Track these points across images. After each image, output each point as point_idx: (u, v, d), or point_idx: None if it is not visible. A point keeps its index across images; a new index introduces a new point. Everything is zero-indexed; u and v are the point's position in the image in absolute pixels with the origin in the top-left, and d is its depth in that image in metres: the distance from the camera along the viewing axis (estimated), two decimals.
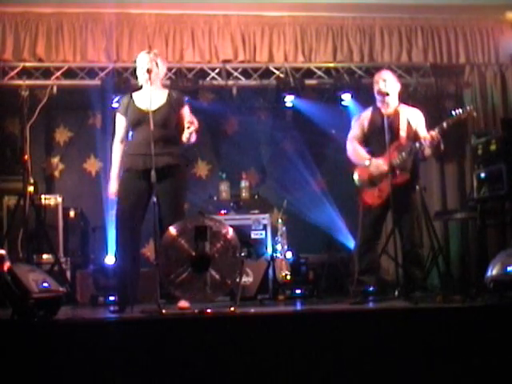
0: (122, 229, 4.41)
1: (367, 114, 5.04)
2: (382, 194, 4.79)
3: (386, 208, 4.86)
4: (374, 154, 4.87)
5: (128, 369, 3.08)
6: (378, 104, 5.00)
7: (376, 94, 4.95)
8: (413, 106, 5.20)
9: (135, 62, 4.60)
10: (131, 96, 4.56)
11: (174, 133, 4.47)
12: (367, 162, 4.83)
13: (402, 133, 4.84)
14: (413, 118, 4.97)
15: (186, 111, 4.53)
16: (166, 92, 4.54)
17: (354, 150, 4.94)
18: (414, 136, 4.92)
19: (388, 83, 4.93)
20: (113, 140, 4.59)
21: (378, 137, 4.89)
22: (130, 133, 4.52)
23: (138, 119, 4.42)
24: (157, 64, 4.47)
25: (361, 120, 5.02)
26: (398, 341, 3.27)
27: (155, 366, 3.09)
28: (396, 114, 4.77)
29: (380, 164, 4.76)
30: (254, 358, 3.16)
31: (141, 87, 4.59)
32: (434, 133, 4.67)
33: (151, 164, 4.13)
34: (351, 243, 6.31)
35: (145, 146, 4.28)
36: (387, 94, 4.83)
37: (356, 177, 4.97)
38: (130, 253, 4.41)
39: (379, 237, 4.99)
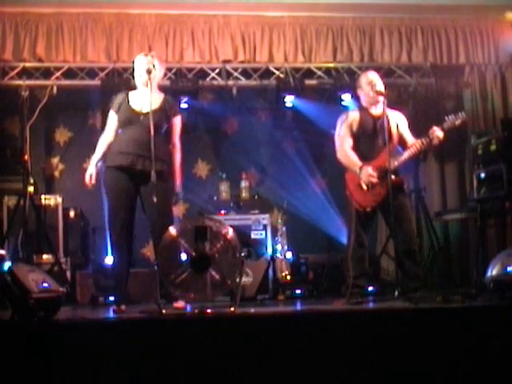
0: (117, 229, 4.41)
1: (355, 115, 4.96)
2: (377, 198, 4.76)
3: (376, 210, 4.87)
4: (364, 157, 4.81)
5: (128, 369, 3.08)
6: (366, 105, 4.97)
7: (371, 95, 4.87)
8: (399, 109, 5.19)
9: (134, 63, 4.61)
10: (127, 95, 4.55)
11: (163, 138, 4.49)
12: (358, 170, 4.76)
13: (393, 136, 4.82)
14: (400, 122, 4.96)
15: (177, 122, 4.56)
16: (161, 96, 4.54)
17: (346, 156, 4.86)
18: (400, 140, 4.92)
19: (380, 83, 4.92)
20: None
21: (368, 139, 4.87)
22: (119, 130, 4.51)
23: (129, 119, 4.43)
24: (154, 66, 4.48)
25: (348, 122, 4.91)
26: (398, 341, 3.27)
27: (155, 365, 3.09)
28: (384, 116, 4.68)
29: (369, 173, 4.71)
30: (254, 358, 3.16)
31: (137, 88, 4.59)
32: (440, 132, 4.68)
33: (141, 165, 4.18)
34: None
35: (134, 145, 4.32)
36: (385, 95, 4.80)
37: (348, 180, 4.92)
38: (125, 252, 4.42)
39: (368, 239, 4.98)
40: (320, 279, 6.05)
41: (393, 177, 4.60)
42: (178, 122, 4.58)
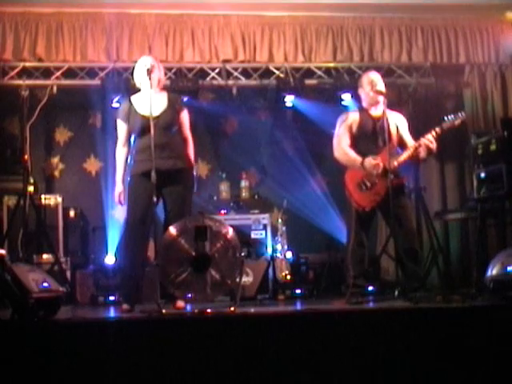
0: (133, 233, 4.39)
1: (354, 116, 4.97)
2: (376, 198, 4.77)
3: (376, 210, 4.87)
4: (363, 157, 4.81)
5: (128, 369, 3.08)
6: (366, 106, 4.98)
7: (372, 95, 4.89)
8: (399, 109, 5.19)
9: (135, 63, 4.61)
10: (130, 101, 4.55)
11: (177, 136, 4.51)
12: (360, 165, 4.77)
13: (393, 137, 4.83)
14: (400, 123, 4.98)
15: (185, 116, 4.59)
16: (164, 95, 4.56)
17: (345, 154, 4.88)
18: (400, 141, 4.93)
19: (381, 83, 4.93)
20: (115, 144, 4.62)
21: (368, 140, 4.88)
22: (134, 139, 4.52)
23: (143, 127, 4.38)
24: (157, 66, 4.49)
25: (348, 123, 4.93)
26: (398, 341, 3.27)
27: (155, 365, 3.09)
28: (384, 117, 4.69)
29: (373, 163, 4.73)
30: (254, 358, 3.16)
31: (139, 90, 4.59)
32: (430, 138, 4.71)
33: (166, 165, 4.19)
34: None
35: (155, 150, 4.22)
36: (385, 95, 4.80)
37: (348, 180, 4.92)
38: (140, 255, 4.42)
39: (368, 238, 4.98)
40: (320, 279, 6.05)
41: (392, 176, 4.61)
42: (185, 116, 4.60)
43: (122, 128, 4.56)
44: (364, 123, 4.91)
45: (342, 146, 4.90)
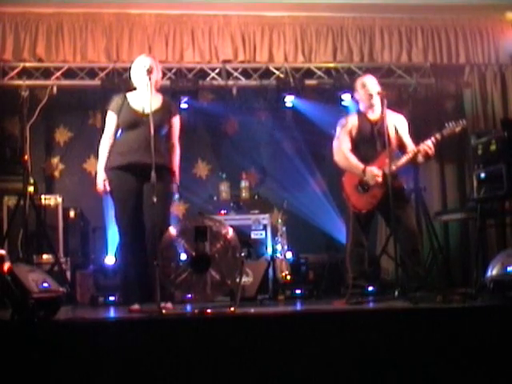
0: (129, 229, 4.37)
1: (353, 120, 4.95)
2: (374, 201, 4.77)
3: (375, 211, 4.87)
4: (362, 161, 4.81)
5: (128, 369, 3.08)
6: (364, 109, 4.96)
7: (366, 99, 4.88)
8: (398, 111, 5.18)
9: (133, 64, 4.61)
10: (125, 96, 4.53)
11: (163, 139, 4.51)
12: (361, 173, 4.76)
13: (392, 140, 4.82)
14: (400, 125, 4.96)
15: (176, 122, 4.58)
16: (159, 97, 4.55)
17: (346, 158, 4.87)
18: (399, 143, 4.93)
19: (374, 86, 4.91)
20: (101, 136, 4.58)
21: (367, 144, 4.87)
22: (121, 132, 4.49)
23: (133, 121, 4.40)
24: (156, 67, 4.49)
25: (348, 128, 4.91)
26: (398, 341, 3.27)
27: (155, 365, 3.09)
28: (383, 119, 4.67)
29: (374, 173, 4.72)
30: (254, 358, 3.16)
31: (135, 88, 4.59)
32: (429, 145, 4.70)
33: (144, 164, 4.14)
34: None
35: (139, 146, 4.28)
36: (384, 96, 4.78)
37: (345, 182, 4.91)
38: (140, 251, 4.40)
39: (368, 238, 4.98)
40: (320, 279, 6.04)
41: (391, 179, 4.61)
42: (176, 122, 4.59)
43: (112, 120, 4.52)
44: (362, 127, 4.90)
45: (342, 150, 4.88)
